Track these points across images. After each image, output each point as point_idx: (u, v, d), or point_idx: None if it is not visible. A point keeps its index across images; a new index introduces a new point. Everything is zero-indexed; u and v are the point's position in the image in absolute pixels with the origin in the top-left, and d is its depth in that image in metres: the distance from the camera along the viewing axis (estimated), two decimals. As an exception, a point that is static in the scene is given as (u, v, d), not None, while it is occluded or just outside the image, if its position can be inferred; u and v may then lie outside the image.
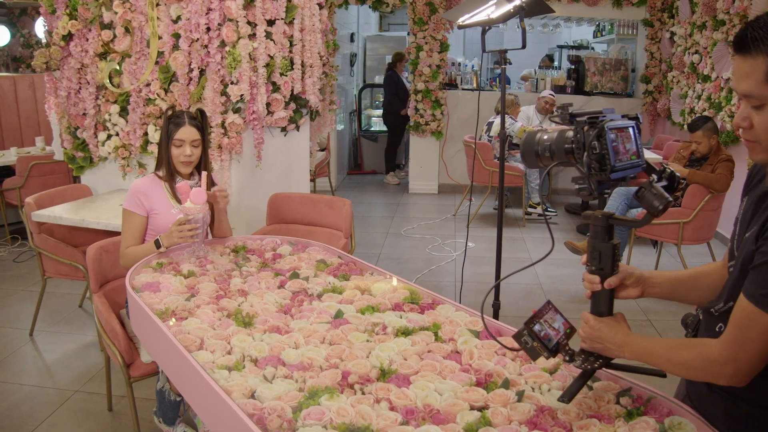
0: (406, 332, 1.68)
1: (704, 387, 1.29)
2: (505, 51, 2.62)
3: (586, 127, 1.15)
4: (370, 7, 7.60)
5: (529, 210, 6.51)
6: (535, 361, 1.30)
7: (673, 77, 6.71)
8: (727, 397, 1.23)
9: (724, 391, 1.23)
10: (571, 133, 1.17)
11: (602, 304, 1.29)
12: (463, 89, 7.90)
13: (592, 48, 9.42)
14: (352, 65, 9.19)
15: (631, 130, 1.21)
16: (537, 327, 1.26)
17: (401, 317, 1.77)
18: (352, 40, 9.08)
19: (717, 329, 1.25)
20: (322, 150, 7.10)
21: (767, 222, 1.11)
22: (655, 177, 1.20)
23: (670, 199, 1.17)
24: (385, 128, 8.66)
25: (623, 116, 1.21)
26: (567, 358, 1.29)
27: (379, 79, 9.17)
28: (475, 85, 8.09)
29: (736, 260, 1.21)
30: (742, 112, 1.12)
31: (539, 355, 1.26)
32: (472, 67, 8.45)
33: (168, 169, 2.57)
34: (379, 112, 9.05)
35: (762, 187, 1.21)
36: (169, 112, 2.55)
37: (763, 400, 1.18)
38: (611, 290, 1.29)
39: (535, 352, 1.25)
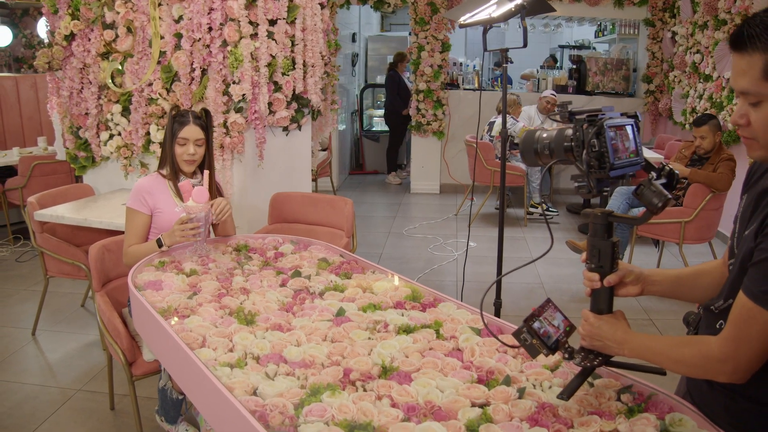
0: (407, 330, 1.68)
1: (704, 384, 1.30)
2: (506, 50, 2.63)
3: (585, 125, 1.15)
4: (371, 7, 7.61)
5: (531, 210, 6.52)
6: (535, 358, 1.30)
7: (675, 77, 6.71)
8: (727, 394, 1.24)
9: (724, 387, 1.23)
10: (570, 131, 1.18)
11: (602, 301, 1.30)
12: (464, 89, 7.91)
13: (594, 48, 9.42)
14: (353, 65, 9.20)
15: (629, 128, 1.21)
16: (536, 324, 1.26)
17: (403, 315, 1.78)
18: (353, 40, 9.09)
19: (717, 326, 1.26)
20: (324, 150, 7.11)
21: (766, 219, 1.12)
22: (654, 174, 1.21)
23: (669, 196, 1.17)
24: (386, 128, 8.67)
25: (622, 114, 1.22)
26: (566, 355, 1.30)
27: (380, 79, 9.18)
28: (477, 85, 8.10)
29: (736, 258, 1.22)
30: (739, 110, 1.12)
31: (538, 352, 1.26)
32: (474, 67, 8.46)
33: (172, 168, 2.58)
34: (381, 112, 9.06)
35: (761, 184, 1.22)
36: (174, 111, 2.57)
37: (763, 397, 1.18)
38: (611, 288, 1.29)
39: (535, 349, 1.26)
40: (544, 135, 1.24)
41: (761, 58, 1.05)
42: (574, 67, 8.11)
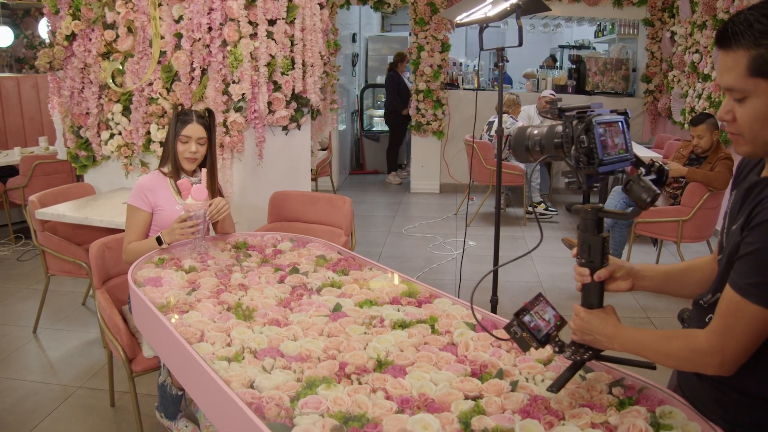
0: (403, 325, 1.70)
1: (694, 377, 1.31)
2: (502, 48, 2.65)
3: (574, 122, 1.17)
4: (371, 7, 7.63)
5: (530, 209, 6.53)
6: (526, 351, 1.32)
7: (674, 76, 6.73)
8: (716, 386, 1.25)
9: (713, 380, 1.25)
10: (560, 128, 1.20)
11: (592, 296, 1.31)
12: (464, 89, 7.93)
13: (594, 48, 9.44)
14: (354, 65, 9.22)
15: (619, 124, 1.23)
16: (527, 318, 1.28)
17: (399, 310, 1.80)
18: (354, 40, 9.11)
19: (707, 320, 1.27)
20: (324, 149, 7.13)
21: (752, 213, 1.13)
22: (643, 170, 1.23)
23: (658, 191, 1.19)
24: (386, 128, 8.69)
25: (612, 111, 1.24)
26: (557, 348, 1.31)
27: (380, 79, 9.20)
28: (476, 84, 8.11)
29: (724, 252, 1.24)
30: (725, 106, 1.14)
31: (529, 345, 1.28)
32: (474, 66, 8.47)
33: (174, 166, 2.60)
34: (381, 112, 9.08)
35: (749, 179, 1.24)
36: (179, 109, 2.60)
37: (751, 389, 1.20)
38: (601, 283, 1.31)
39: (525, 342, 1.28)
40: (535, 132, 1.26)
41: (745, 54, 1.07)
42: (574, 66, 8.13)
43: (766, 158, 1.19)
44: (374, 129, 9.53)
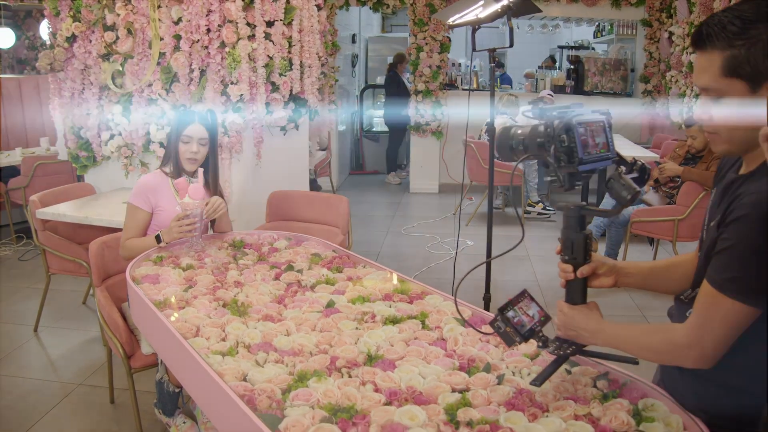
0: (394, 320, 1.74)
1: (676, 370, 1.34)
2: (494, 50, 2.69)
3: (556, 122, 1.21)
4: (370, 8, 7.66)
5: (528, 209, 6.56)
6: (511, 346, 1.35)
7: (672, 77, 6.75)
8: (696, 380, 1.28)
9: (693, 373, 1.28)
10: (542, 128, 1.23)
11: (576, 292, 1.34)
12: (463, 89, 7.95)
13: (593, 48, 9.46)
14: (353, 66, 9.25)
15: (602, 124, 1.26)
16: (510, 313, 1.31)
17: (390, 306, 1.83)
18: (353, 41, 9.14)
19: (687, 315, 1.30)
20: (323, 149, 7.16)
21: (728, 210, 1.16)
22: (624, 168, 1.26)
23: (638, 189, 1.22)
24: (386, 128, 8.72)
25: (594, 111, 1.27)
26: (540, 344, 1.35)
27: (380, 79, 9.23)
28: (475, 85, 8.14)
29: (702, 248, 1.27)
30: (701, 106, 1.18)
31: (513, 339, 1.31)
32: (473, 67, 8.50)
33: (175, 166, 2.64)
34: (381, 112, 9.12)
35: (728, 177, 1.27)
36: (181, 110, 2.63)
37: (730, 382, 1.23)
38: (584, 279, 1.34)
39: (509, 337, 1.31)
40: (519, 131, 1.29)
41: (719, 55, 1.11)
42: (572, 67, 8.15)
43: (743, 156, 1.22)
44: (374, 129, 9.57)
